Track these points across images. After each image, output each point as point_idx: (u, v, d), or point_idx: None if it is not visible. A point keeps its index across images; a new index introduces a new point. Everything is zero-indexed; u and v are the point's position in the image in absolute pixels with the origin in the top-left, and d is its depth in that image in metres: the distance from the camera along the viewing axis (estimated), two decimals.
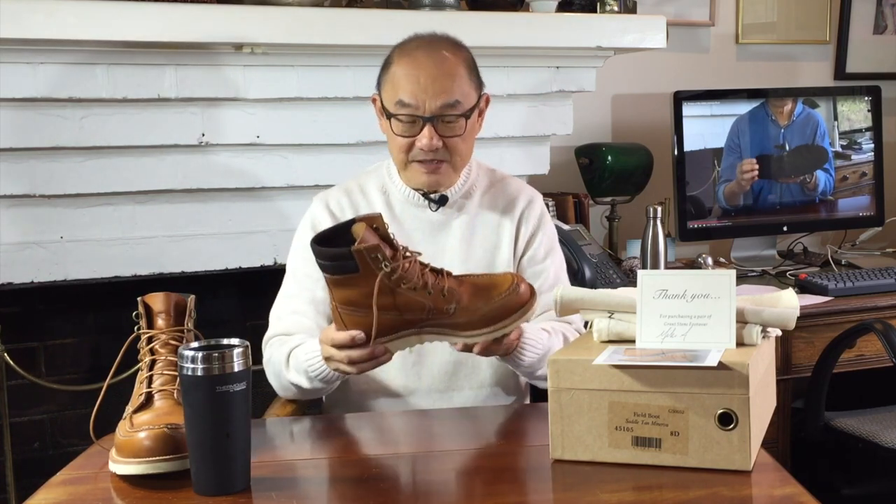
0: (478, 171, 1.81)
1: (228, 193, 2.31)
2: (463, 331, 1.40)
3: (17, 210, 2.15)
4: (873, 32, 3.33)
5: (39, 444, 2.48)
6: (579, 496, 1.17)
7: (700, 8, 3.10)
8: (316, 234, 1.38)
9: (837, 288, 2.49)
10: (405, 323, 1.39)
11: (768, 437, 1.32)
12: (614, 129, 3.07)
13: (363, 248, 1.32)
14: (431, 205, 1.74)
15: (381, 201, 1.76)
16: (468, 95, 1.66)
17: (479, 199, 1.78)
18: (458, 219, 1.75)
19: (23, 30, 1.96)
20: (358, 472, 1.30)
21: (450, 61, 1.65)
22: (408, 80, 1.62)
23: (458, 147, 1.66)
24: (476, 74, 1.71)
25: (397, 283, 1.34)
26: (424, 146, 1.63)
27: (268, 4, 2.18)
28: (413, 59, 1.64)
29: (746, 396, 1.16)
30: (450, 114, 1.63)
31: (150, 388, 1.33)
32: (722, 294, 1.25)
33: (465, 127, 1.65)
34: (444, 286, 1.37)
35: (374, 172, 1.81)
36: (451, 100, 1.63)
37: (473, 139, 1.72)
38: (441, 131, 1.64)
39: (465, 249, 1.74)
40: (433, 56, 1.64)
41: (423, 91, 1.61)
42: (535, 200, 1.82)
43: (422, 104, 1.62)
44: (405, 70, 1.63)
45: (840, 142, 2.95)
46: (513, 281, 1.41)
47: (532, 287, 1.43)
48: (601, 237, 2.91)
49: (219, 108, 2.24)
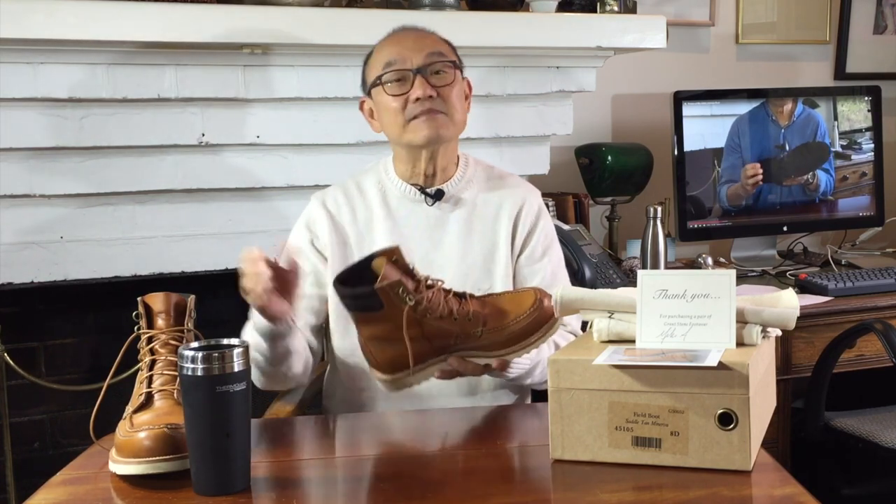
0: (475, 167, 1.81)
1: (228, 193, 2.31)
2: (489, 351, 1.42)
3: (17, 210, 2.15)
4: (873, 32, 3.33)
5: (39, 444, 2.48)
6: (579, 496, 1.17)
7: (700, 8, 3.10)
8: (337, 274, 1.41)
9: (837, 288, 2.49)
10: (434, 350, 1.42)
11: (768, 437, 1.32)
12: (614, 129, 3.07)
13: (386, 284, 1.34)
14: (428, 199, 1.74)
15: (378, 198, 1.76)
16: (450, 54, 1.72)
17: (477, 195, 1.78)
18: (455, 214, 1.75)
19: (23, 30, 1.96)
20: (358, 472, 1.30)
21: (429, 36, 1.74)
22: (391, 46, 1.71)
23: (450, 97, 1.69)
24: (455, 53, 1.76)
25: (423, 314, 1.37)
26: (420, 94, 1.65)
27: (268, 4, 2.18)
28: (394, 36, 1.74)
29: (746, 396, 1.16)
30: (436, 62, 1.68)
31: (150, 388, 1.33)
32: (722, 294, 1.25)
33: (453, 77, 1.69)
34: (468, 311, 1.40)
35: (372, 170, 1.81)
36: (435, 50, 1.69)
37: (464, 106, 1.75)
38: (432, 81, 1.67)
39: (462, 245, 1.74)
40: (411, 32, 1.74)
41: (407, 49, 1.68)
42: (533, 197, 1.81)
43: (408, 58, 1.67)
44: (388, 44, 1.72)
45: (840, 142, 2.95)
46: (535, 298, 1.42)
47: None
48: (601, 237, 2.91)
49: (219, 108, 2.24)
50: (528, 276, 1.75)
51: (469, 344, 1.41)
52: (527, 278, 1.76)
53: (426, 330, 1.39)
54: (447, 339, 1.40)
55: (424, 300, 1.37)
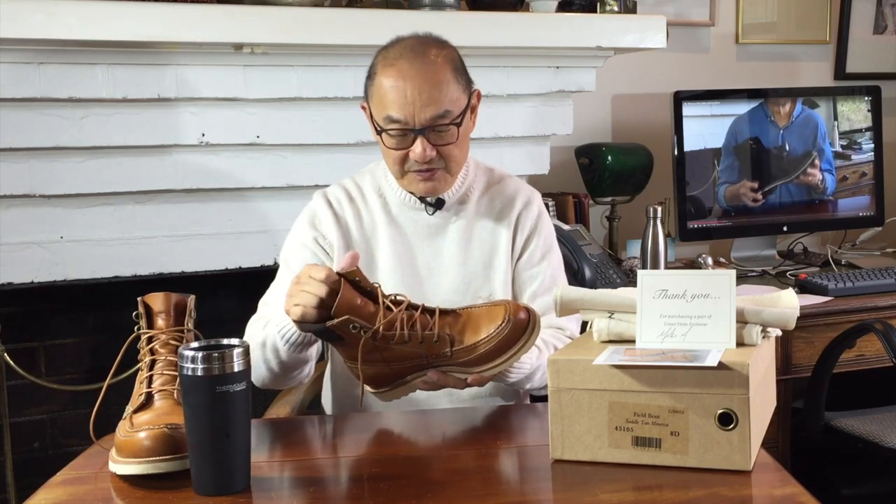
0: (475, 172, 1.79)
1: (228, 193, 2.31)
2: (465, 367, 1.41)
3: (17, 210, 2.15)
4: (873, 32, 3.33)
5: (39, 444, 2.48)
6: (579, 496, 1.16)
7: (700, 8, 3.10)
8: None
9: (837, 288, 2.49)
10: (408, 370, 1.41)
11: (768, 437, 1.32)
12: (614, 129, 3.07)
13: (336, 323, 1.34)
14: (428, 208, 1.73)
15: (379, 204, 1.74)
16: (457, 101, 1.62)
17: (477, 202, 1.76)
18: (455, 222, 1.74)
19: (23, 30, 1.96)
20: (358, 472, 1.30)
21: (435, 67, 1.60)
22: (395, 93, 1.58)
23: (452, 153, 1.64)
24: (464, 74, 1.67)
25: (385, 341, 1.37)
26: (418, 157, 1.61)
27: (268, 4, 2.18)
28: (398, 70, 1.59)
29: (746, 396, 1.16)
30: (441, 124, 1.60)
31: (150, 388, 1.33)
32: (722, 294, 1.25)
33: (457, 134, 1.63)
34: (435, 333, 1.37)
35: (369, 173, 1.79)
36: (441, 111, 1.59)
37: (468, 140, 1.70)
38: (433, 141, 1.61)
39: (462, 252, 1.73)
40: (417, 64, 1.59)
41: (411, 104, 1.58)
42: (533, 201, 1.80)
43: (411, 118, 1.59)
44: (391, 82, 1.59)
45: (840, 142, 2.96)
46: (505, 313, 1.38)
47: (529, 309, 1.41)
48: (601, 237, 2.91)
49: (219, 108, 2.24)
50: (526, 280, 1.75)
51: (442, 362, 1.40)
52: (526, 282, 1.75)
53: (387, 355, 1.38)
54: (413, 360, 1.39)
55: (380, 330, 1.35)
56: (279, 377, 1.61)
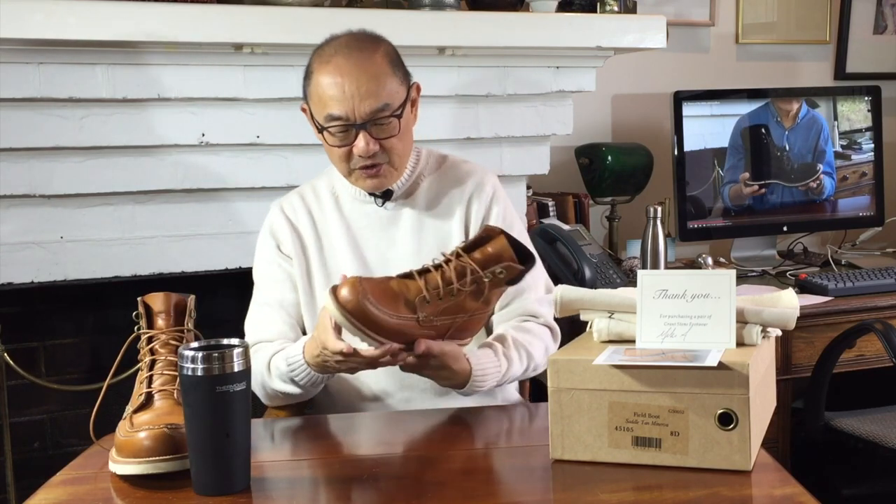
0: (427, 160, 1.79)
1: (228, 193, 2.31)
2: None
3: (17, 210, 2.15)
4: (873, 32, 3.33)
5: (39, 444, 2.48)
6: (579, 496, 1.17)
7: (700, 8, 3.10)
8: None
9: (837, 288, 2.49)
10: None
11: (768, 437, 1.32)
12: (614, 129, 3.07)
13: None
14: (377, 200, 1.75)
15: (331, 202, 1.77)
16: (396, 94, 1.63)
17: (427, 188, 1.77)
18: (406, 210, 1.75)
19: (23, 30, 1.96)
20: (358, 472, 1.30)
21: (371, 61, 1.61)
22: (333, 89, 1.59)
23: (395, 146, 1.65)
24: (401, 67, 1.68)
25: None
26: (361, 152, 1.62)
27: (268, 4, 2.18)
28: (334, 66, 1.60)
29: (746, 396, 1.16)
30: (381, 117, 1.61)
31: (150, 388, 1.33)
32: (722, 294, 1.25)
33: (398, 126, 1.64)
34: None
35: (326, 175, 1.82)
36: (380, 104, 1.60)
37: (410, 133, 1.71)
38: (375, 134, 1.62)
39: (415, 241, 1.74)
40: (353, 59, 1.61)
41: (350, 99, 1.59)
42: (486, 180, 1.78)
43: (351, 113, 1.60)
44: (328, 79, 1.60)
45: (840, 142, 2.96)
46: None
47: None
48: (601, 237, 2.91)
49: (219, 108, 2.24)
50: None
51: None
52: None
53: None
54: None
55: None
56: (293, 399, 1.66)
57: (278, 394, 1.63)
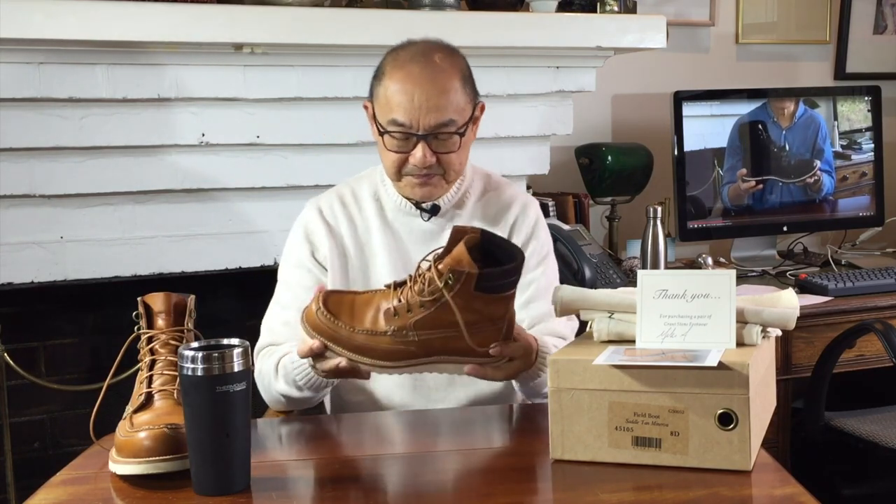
0: (472, 178, 1.78)
1: (228, 193, 2.31)
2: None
3: (17, 210, 2.15)
4: (873, 32, 3.33)
5: (39, 444, 2.48)
6: (579, 496, 1.16)
7: (700, 8, 3.10)
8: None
9: (837, 288, 2.49)
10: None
11: (768, 437, 1.32)
12: (614, 129, 3.07)
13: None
14: (423, 214, 1.73)
15: (374, 209, 1.74)
16: (463, 111, 1.62)
17: (473, 208, 1.75)
18: (450, 228, 1.74)
19: (23, 30, 1.96)
20: (357, 472, 1.30)
21: (444, 74, 1.60)
22: (401, 96, 1.58)
23: (451, 162, 1.64)
24: (471, 84, 1.67)
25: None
26: (418, 162, 1.61)
27: (268, 4, 2.18)
28: (407, 74, 1.59)
29: (746, 396, 1.16)
30: (444, 132, 1.60)
31: (150, 388, 1.33)
32: (722, 294, 1.25)
33: (458, 143, 1.62)
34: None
35: (367, 178, 1.78)
36: (445, 118, 1.59)
37: (468, 150, 1.69)
38: (435, 147, 1.61)
39: None
40: (427, 69, 1.59)
41: (416, 109, 1.57)
42: (530, 208, 1.79)
43: (415, 122, 1.58)
44: (399, 86, 1.59)
45: (840, 142, 2.96)
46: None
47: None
48: (601, 237, 2.91)
49: (219, 108, 2.24)
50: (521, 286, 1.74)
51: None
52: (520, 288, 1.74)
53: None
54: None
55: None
56: (296, 404, 1.65)
57: (281, 398, 1.62)
